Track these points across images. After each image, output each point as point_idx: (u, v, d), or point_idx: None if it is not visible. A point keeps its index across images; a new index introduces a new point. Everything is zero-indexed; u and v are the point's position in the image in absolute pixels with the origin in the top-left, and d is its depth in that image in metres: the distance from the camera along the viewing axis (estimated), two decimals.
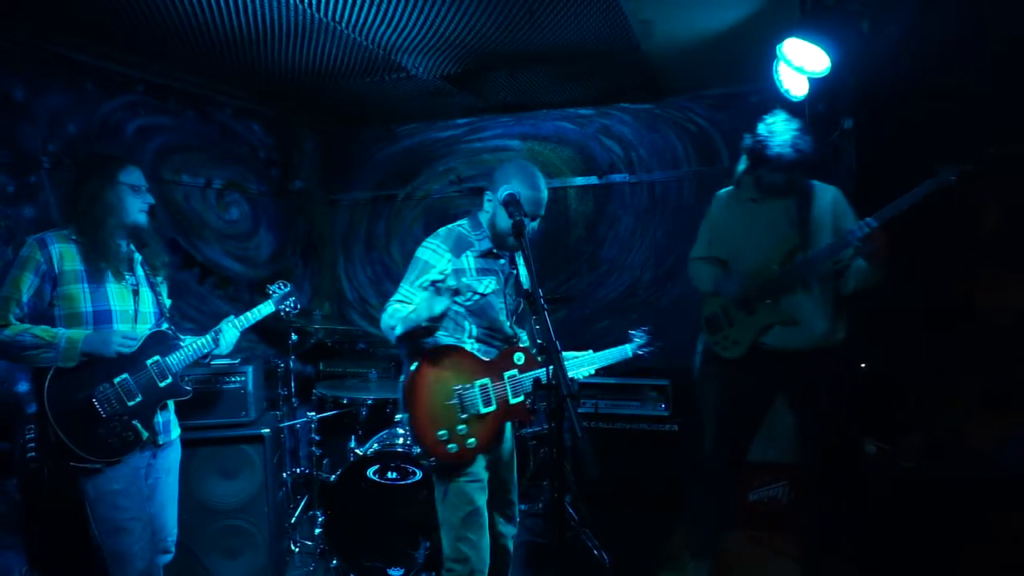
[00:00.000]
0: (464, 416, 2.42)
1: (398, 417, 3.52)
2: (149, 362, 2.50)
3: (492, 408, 2.46)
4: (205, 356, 2.67)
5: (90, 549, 2.43)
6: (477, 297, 2.47)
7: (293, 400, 3.87)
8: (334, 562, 3.30)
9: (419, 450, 2.53)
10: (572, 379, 2.37)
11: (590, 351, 2.74)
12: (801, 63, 3.04)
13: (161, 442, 2.58)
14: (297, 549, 3.69)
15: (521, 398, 2.49)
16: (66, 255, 2.39)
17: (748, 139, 2.89)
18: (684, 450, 4.08)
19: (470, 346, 2.51)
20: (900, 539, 3.09)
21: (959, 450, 3.24)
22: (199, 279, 4.06)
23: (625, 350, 2.77)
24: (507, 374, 2.49)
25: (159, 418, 2.56)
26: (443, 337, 2.49)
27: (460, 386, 2.42)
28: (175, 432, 2.68)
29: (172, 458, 2.68)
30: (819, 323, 2.86)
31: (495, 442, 2.54)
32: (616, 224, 4.73)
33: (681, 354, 4.50)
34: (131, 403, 2.44)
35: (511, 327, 2.59)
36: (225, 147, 4.29)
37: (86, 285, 2.40)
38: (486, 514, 2.49)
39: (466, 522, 2.43)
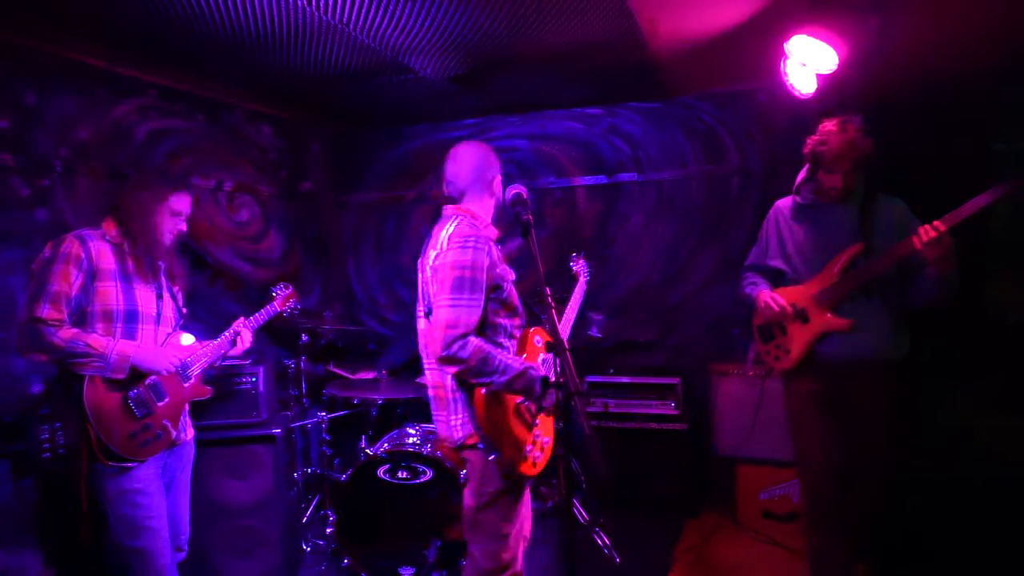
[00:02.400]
0: (535, 420, 2.35)
1: (490, 457, 3.43)
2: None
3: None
4: (221, 357, 2.77)
5: (106, 548, 2.47)
6: (509, 287, 2.36)
7: (304, 400, 3.89)
8: (345, 561, 3.31)
9: (507, 478, 2.25)
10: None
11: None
12: (809, 60, 3.03)
13: (180, 442, 2.64)
14: (309, 548, 3.71)
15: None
16: (102, 253, 2.46)
17: (809, 143, 2.81)
18: (693, 449, 4.08)
19: (507, 347, 2.35)
20: (909, 538, 3.08)
21: (969, 449, 3.22)
22: (210, 281, 4.09)
23: (581, 288, 2.80)
24: (540, 360, 2.42)
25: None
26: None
27: None
28: (190, 432, 2.74)
29: (186, 457, 2.73)
30: (880, 333, 2.72)
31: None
32: (625, 223, 4.73)
33: (690, 353, 4.51)
34: (160, 404, 2.53)
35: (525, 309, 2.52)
36: (235, 150, 4.32)
37: (119, 283, 2.47)
38: None
39: (519, 524, 2.32)
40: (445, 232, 2.30)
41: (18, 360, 2.97)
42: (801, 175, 2.95)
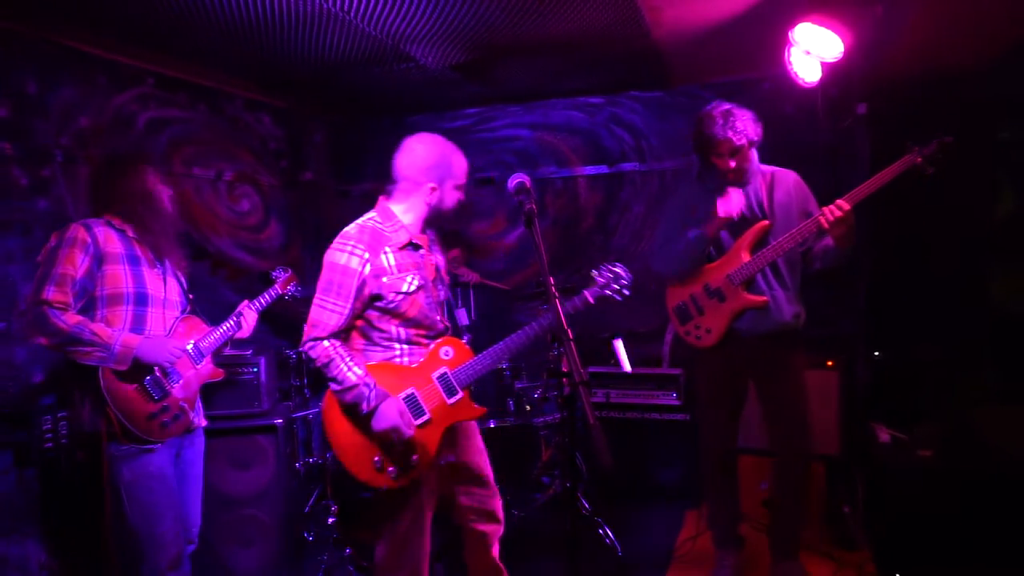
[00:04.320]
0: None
1: (328, 455, 3.35)
2: (187, 347, 2.63)
3: (426, 417, 2.31)
4: (229, 340, 2.80)
5: (113, 536, 2.49)
6: (401, 297, 2.27)
7: (305, 391, 3.89)
8: (347, 551, 3.32)
9: (359, 482, 2.26)
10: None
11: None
12: (814, 48, 3.01)
13: (196, 426, 2.69)
14: (311, 538, 3.72)
15: (460, 394, 2.34)
16: (109, 237, 2.48)
17: (699, 125, 2.86)
18: (695, 439, 4.08)
19: (398, 354, 2.32)
20: (914, 528, 3.08)
21: (975, 440, 3.22)
22: (210, 271, 4.08)
23: (584, 297, 2.48)
24: (435, 374, 2.33)
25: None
26: (369, 351, 2.33)
27: None
28: (203, 418, 2.78)
29: (199, 447, 2.76)
30: (789, 306, 2.87)
31: (444, 449, 2.38)
32: (627, 213, 4.71)
33: None
34: (176, 385, 2.57)
35: (441, 320, 2.43)
36: (235, 139, 4.30)
37: (128, 266, 2.49)
38: (429, 521, 2.39)
39: (410, 530, 2.33)
40: (349, 226, 2.32)
41: (20, 349, 2.96)
42: (697, 160, 3.00)
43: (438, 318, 2.40)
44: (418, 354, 2.35)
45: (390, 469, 2.25)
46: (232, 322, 2.78)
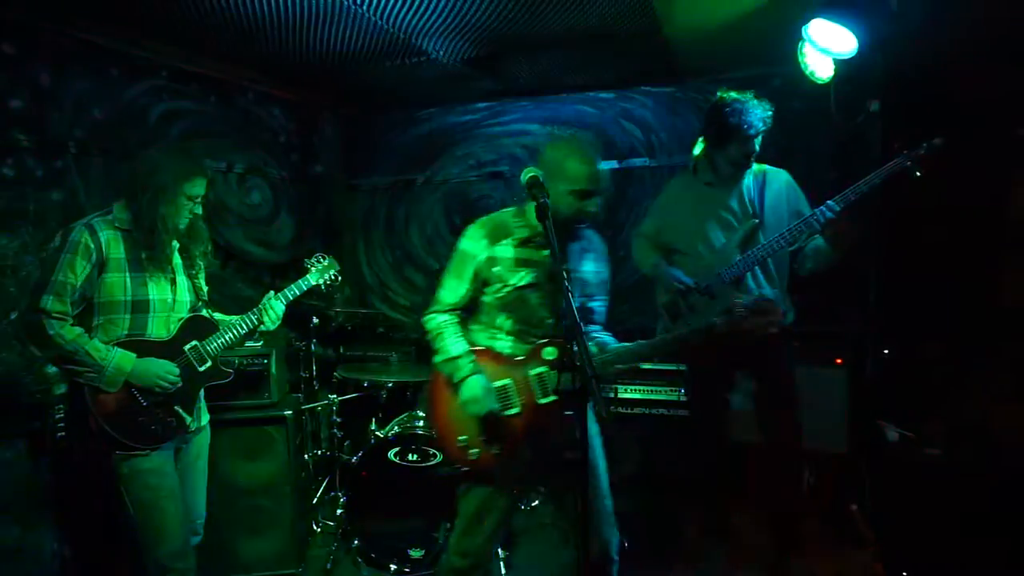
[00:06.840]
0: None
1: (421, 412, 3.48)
2: (187, 348, 2.54)
3: (516, 411, 2.32)
4: (251, 334, 2.71)
5: (121, 526, 2.49)
6: (509, 289, 2.32)
7: (314, 383, 3.91)
8: (355, 542, 3.34)
9: (441, 458, 2.42)
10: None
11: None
12: (827, 44, 3.00)
13: (192, 428, 2.61)
14: (319, 529, 3.75)
15: (553, 397, 2.29)
16: (112, 243, 2.39)
17: (721, 112, 2.87)
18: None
19: (502, 341, 2.38)
20: (922, 527, 3.07)
21: (984, 439, 3.21)
22: (222, 263, 4.10)
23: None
24: (532, 372, 2.33)
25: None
26: (477, 332, 2.42)
27: None
28: (205, 418, 2.72)
29: (202, 443, 2.72)
30: (778, 304, 2.87)
31: (526, 447, 2.34)
32: (636, 209, 4.70)
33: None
34: (170, 391, 2.48)
35: (556, 324, 2.36)
36: (247, 132, 4.32)
37: (128, 274, 2.41)
38: (504, 519, 2.43)
39: (478, 518, 2.36)
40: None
41: None
42: (697, 150, 3.03)
43: (547, 318, 2.37)
44: (521, 347, 2.38)
45: (471, 450, 2.32)
46: (248, 317, 2.68)
